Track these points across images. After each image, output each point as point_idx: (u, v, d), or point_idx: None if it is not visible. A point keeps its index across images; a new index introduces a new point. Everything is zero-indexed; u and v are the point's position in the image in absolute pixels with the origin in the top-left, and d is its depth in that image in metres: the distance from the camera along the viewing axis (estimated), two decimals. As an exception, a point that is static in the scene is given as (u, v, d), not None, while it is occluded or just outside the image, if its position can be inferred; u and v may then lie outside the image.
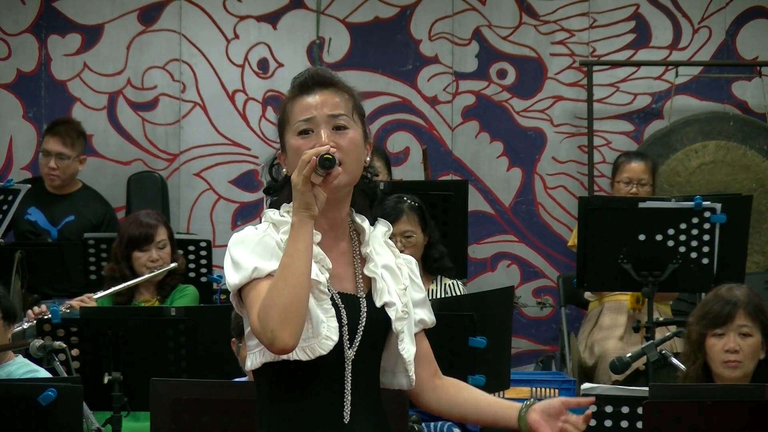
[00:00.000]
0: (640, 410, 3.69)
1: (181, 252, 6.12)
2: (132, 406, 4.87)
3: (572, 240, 6.98)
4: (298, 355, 2.88)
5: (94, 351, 4.91)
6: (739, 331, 4.22)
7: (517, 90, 8.27)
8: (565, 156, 8.26)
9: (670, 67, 8.21)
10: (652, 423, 3.45)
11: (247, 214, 8.26)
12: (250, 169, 8.26)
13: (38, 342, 4.73)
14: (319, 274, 2.92)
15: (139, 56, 8.24)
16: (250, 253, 2.92)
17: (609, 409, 3.86)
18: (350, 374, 2.95)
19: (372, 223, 3.08)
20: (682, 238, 5.75)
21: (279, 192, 3.05)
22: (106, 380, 4.84)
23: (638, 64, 8.27)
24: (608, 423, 3.86)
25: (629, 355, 5.02)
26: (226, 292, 7.54)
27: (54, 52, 8.22)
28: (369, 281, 3.02)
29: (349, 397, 2.95)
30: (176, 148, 8.27)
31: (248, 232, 2.96)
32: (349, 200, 3.03)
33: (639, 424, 3.78)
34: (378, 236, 3.07)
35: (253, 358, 2.95)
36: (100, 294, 5.85)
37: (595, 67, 8.14)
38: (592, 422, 3.86)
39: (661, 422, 3.43)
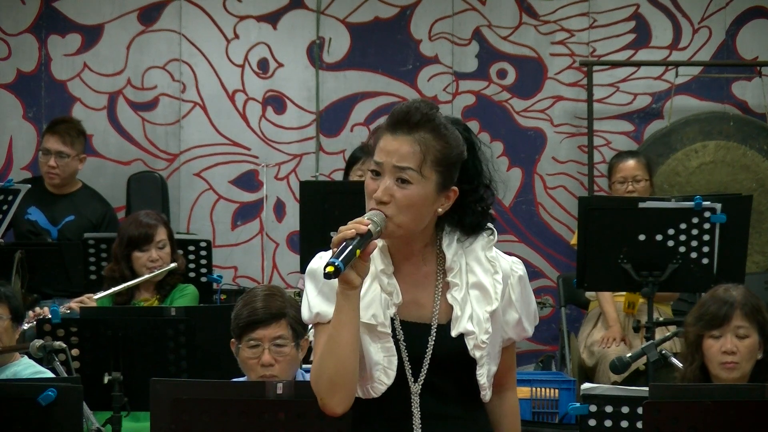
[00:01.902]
0: (640, 410, 3.69)
1: (181, 252, 6.12)
2: (132, 406, 4.87)
3: (575, 239, 6.98)
4: (358, 392, 2.94)
5: (94, 351, 4.91)
6: (736, 332, 4.21)
7: (517, 90, 8.27)
8: (565, 156, 8.26)
9: (670, 67, 8.21)
10: (652, 423, 3.44)
11: (247, 214, 8.26)
12: (250, 169, 8.26)
13: (38, 342, 4.73)
14: (377, 315, 2.93)
15: (139, 56, 8.24)
16: (317, 293, 2.96)
17: (609, 409, 3.86)
18: (418, 408, 2.96)
19: (477, 231, 3.03)
20: (682, 238, 5.74)
21: None
22: (106, 380, 4.84)
23: (638, 64, 8.27)
24: (608, 423, 3.86)
25: (629, 355, 5.03)
26: (226, 292, 7.53)
27: (54, 52, 8.22)
28: (451, 307, 2.99)
29: (420, 430, 2.96)
30: (176, 148, 8.27)
31: (320, 264, 2.94)
32: (429, 233, 3.01)
33: (639, 424, 3.77)
34: (476, 249, 3.03)
35: None
36: (100, 294, 5.85)
37: (595, 67, 8.14)
38: (592, 422, 3.87)
39: (661, 422, 3.42)
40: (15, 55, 8.22)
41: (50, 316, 4.99)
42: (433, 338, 2.96)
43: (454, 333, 2.96)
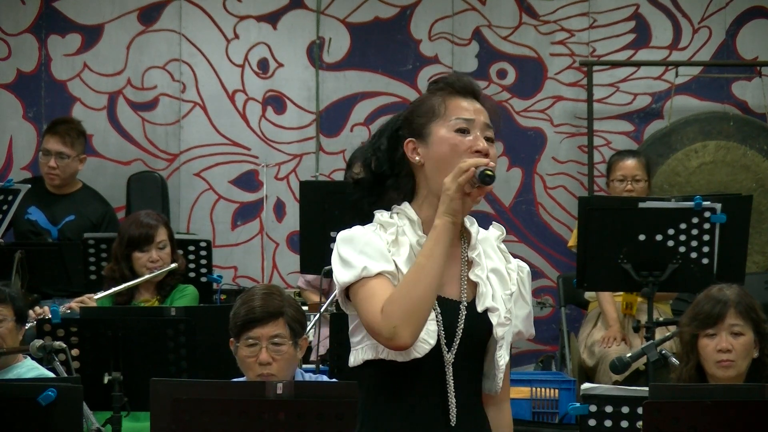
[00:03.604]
0: (640, 410, 3.69)
1: (181, 252, 6.12)
2: (132, 406, 4.87)
3: (572, 240, 6.98)
4: (395, 356, 2.95)
5: (94, 351, 4.91)
6: (731, 331, 4.22)
7: (517, 90, 8.27)
8: (565, 156, 8.27)
9: (670, 67, 8.21)
10: (652, 423, 3.44)
11: (247, 214, 8.26)
12: (250, 169, 8.26)
13: (38, 342, 4.73)
14: None
15: (139, 56, 8.24)
16: (359, 253, 2.98)
17: (609, 409, 3.87)
18: (452, 377, 2.99)
19: (485, 227, 3.14)
20: (682, 238, 5.74)
21: (379, 191, 3.12)
22: (106, 380, 4.84)
23: (638, 64, 8.27)
24: (608, 423, 3.86)
25: (629, 355, 5.03)
26: (226, 292, 7.51)
27: (54, 52, 8.22)
28: (474, 285, 3.06)
29: (454, 400, 2.99)
30: (176, 148, 8.27)
31: (356, 230, 3.03)
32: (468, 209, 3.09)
33: (639, 424, 3.78)
34: (490, 239, 3.14)
35: (356, 354, 3.02)
36: (100, 294, 5.85)
37: (595, 67, 8.14)
38: (592, 422, 3.87)
39: (661, 422, 3.42)
40: (15, 55, 8.23)
41: (50, 316, 5.00)
42: (464, 315, 3.01)
43: (480, 308, 3.02)
